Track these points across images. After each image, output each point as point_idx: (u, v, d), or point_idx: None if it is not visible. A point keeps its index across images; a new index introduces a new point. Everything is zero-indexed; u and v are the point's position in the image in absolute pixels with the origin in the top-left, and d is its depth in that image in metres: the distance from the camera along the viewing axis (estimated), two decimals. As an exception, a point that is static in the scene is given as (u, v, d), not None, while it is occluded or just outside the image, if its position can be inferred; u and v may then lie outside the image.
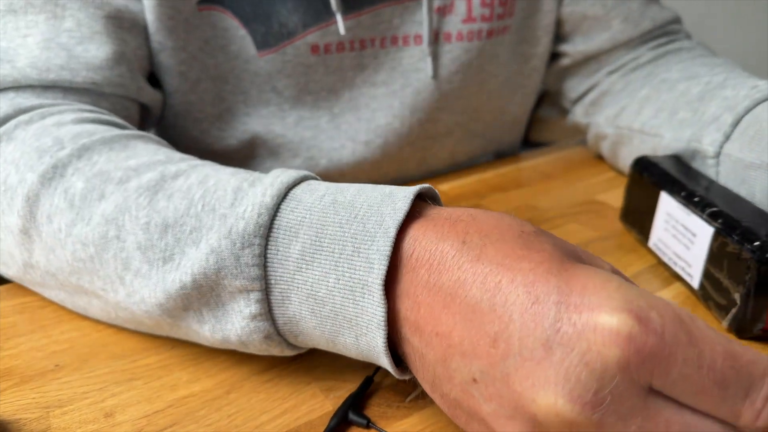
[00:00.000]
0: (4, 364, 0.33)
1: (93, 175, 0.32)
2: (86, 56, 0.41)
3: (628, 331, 0.19)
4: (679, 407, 0.20)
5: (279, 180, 0.28)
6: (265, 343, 0.29)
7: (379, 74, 0.53)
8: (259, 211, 0.27)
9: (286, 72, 0.51)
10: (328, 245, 0.26)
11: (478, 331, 0.22)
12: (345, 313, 0.26)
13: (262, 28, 0.49)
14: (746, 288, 0.33)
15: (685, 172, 0.43)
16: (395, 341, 0.26)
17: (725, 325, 0.35)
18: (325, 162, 0.55)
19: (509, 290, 0.22)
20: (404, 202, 0.26)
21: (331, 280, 0.26)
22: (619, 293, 0.20)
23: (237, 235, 0.27)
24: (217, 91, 0.52)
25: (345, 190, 0.28)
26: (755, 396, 0.19)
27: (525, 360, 0.20)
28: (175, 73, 0.49)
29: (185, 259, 0.28)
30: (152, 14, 0.45)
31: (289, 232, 0.27)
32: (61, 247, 0.32)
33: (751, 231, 0.34)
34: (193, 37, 0.48)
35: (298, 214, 0.27)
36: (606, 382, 0.19)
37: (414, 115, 0.55)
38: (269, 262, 0.27)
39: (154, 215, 0.29)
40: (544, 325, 0.20)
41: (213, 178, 0.31)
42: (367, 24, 0.51)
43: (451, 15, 0.53)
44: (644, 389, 0.19)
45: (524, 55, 0.61)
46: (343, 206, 0.27)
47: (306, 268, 0.26)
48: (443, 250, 0.24)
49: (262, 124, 0.53)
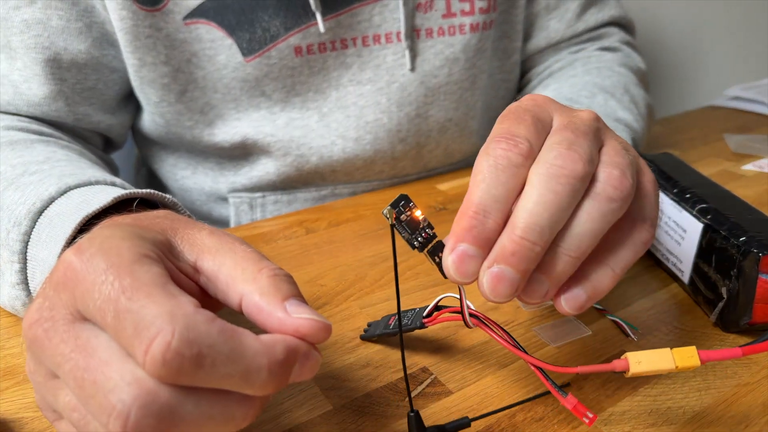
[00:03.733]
0: (5, 363, 0.34)
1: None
2: (29, 94, 0.48)
3: (66, 259, 0.22)
4: (100, 332, 0.22)
5: (64, 181, 0.35)
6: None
7: (365, 72, 0.54)
8: (34, 200, 0.34)
9: (273, 75, 0.52)
10: (54, 234, 0.32)
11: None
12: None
13: (246, 35, 0.50)
14: (732, 282, 0.33)
15: (679, 170, 0.43)
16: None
17: (713, 319, 0.36)
18: (316, 159, 0.56)
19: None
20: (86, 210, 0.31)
21: (50, 260, 0.31)
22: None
23: (14, 215, 0.34)
24: (207, 99, 0.54)
25: (84, 195, 0.34)
26: (144, 335, 0.20)
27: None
28: (158, 86, 0.52)
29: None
30: (129, 34, 0.49)
31: (50, 221, 0.33)
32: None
33: (738, 226, 0.34)
34: (177, 51, 0.51)
35: (62, 208, 0.33)
36: (45, 300, 0.22)
37: (402, 110, 0.56)
38: (31, 241, 0.33)
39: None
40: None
41: (44, 179, 0.36)
42: (347, 23, 0.52)
43: (431, 11, 0.54)
44: (69, 310, 0.22)
45: (506, 50, 0.62)
46: (73, 207, 0.32)
47: (42, 249, 0.32)
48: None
49: (252, 127, 0.55)
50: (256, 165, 0.58)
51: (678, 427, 0.29)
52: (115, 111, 0.55)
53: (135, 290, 0.21)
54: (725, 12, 1.14)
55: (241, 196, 0.60)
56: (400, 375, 0.32)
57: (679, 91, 1.17)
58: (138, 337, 0.20)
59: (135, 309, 0.20)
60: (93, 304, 0.21)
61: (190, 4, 0.49)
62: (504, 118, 0.27)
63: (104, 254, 0.22)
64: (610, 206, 0.25)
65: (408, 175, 0.61)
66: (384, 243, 0.47)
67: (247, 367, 0.20)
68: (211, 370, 0.20)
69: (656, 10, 1.08)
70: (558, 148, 0.25)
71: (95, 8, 0.48)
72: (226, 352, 0.20)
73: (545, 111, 0.28)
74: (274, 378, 0.21)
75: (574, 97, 0.52)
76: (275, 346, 0.21)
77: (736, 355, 0.24)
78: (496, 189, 0.24)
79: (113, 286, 0.21)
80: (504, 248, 0.24)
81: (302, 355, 0.22)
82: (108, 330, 0.21)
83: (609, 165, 0.26)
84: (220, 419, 0.21)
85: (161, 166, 0.63)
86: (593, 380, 0.32)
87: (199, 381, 0.20)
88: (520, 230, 0.24)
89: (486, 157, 0.25)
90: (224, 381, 0.20)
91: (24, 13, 0.46)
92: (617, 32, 0.67)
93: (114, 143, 0.58)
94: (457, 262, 0.25)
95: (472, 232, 0.24)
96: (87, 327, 0.22)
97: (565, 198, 0.24)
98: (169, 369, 0.19)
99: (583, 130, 0.26)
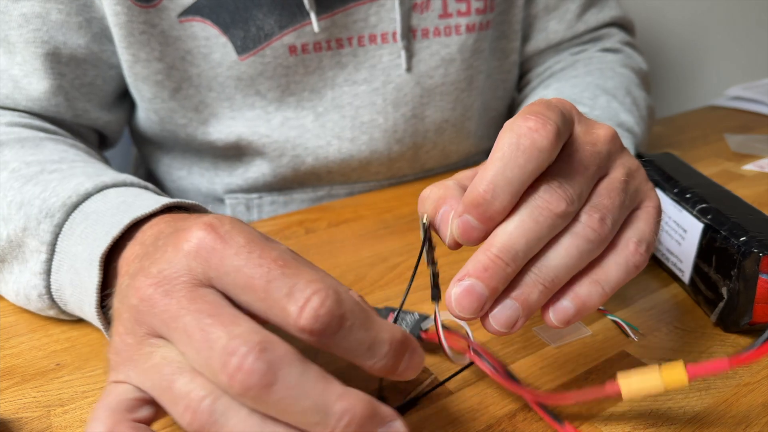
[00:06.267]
0: (5, 363, 0.34)
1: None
2: (29, 89, 0.48)
3: (198, 232, 0.23)
4: (224, 299, 0.22)
5: (100, 179, 0.35)
6: (41, 302, 0.35)
7: (360, 72, 0.54)
8: (69, 194, 0.34)
9: (267, 74, 0.52)
10: (92, 231, 0.32)
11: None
12: (84, 285, 0.32)
13: (241, 33, 0.50)
14: (733, 282, 0.33)
15: (679, 170, 0.43)
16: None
17: (713, 319, 0.36)
18: (311, 160, 0.56)
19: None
20: (141, 210, 0.32)
21: (85, 255, 0.32)
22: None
23: (45, 206, 0.34)
24: (201, 97, 0.54)
25: (123, 195, 0.34)
26: (299, 295, 0.21)
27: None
28: (151, 82, 0.52)
29: (11, 223, 0.36)
30: (123, 30, 0.49)
31: (85, 217, 0.33)
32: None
33: (739, 227, 0.34)
34: (172, 48, 0.51)
35: (99, 206, 0.33)
36: (170, 266, 0.23)
37: (398, 111, 0.56)
38: (62, 234, 0.33)
39: (17, 195, 0.36)
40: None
41: (67, 177, 0.37)
42: (342, 23, 0.52)
43: (427, 11, 0.54)
44: (197, 277, 0.23)
45: (504, 51, 0.62)
46: (112, 207, 0.33)
47: (76, 244, 0.32)
48: (144, 240, 0.29)
49: (247, 126, 0.55)
50: (251, 166, 0.58)
51: (678, 427, 0.29)
52: (112, 108, 0.55)
53: (284, 261, 0.22)
54: (725, 12, 1.14)
55: (237, 198, 0.60)
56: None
57: (680, 91, 1.17)
58: (292, 297, 0.21)
59: (290, 274, 0.22)
60: (236, 271, 0.22)
61: (185, 1, 0.49)
62: (533, 105, 0.26)
63: (240, 232, 0.23)
64: (587, 246, 0.26)
65: (405, 176, 0.61)
66: (384, 243, 0.47)
67: (375, 338, 0.22)
68: (349, 333, 0.22)
69: (656, 10, 1.08)
70: (549, 184, 0.26)
71: (94, 3, 0.48)
72: (362, 319, 0.22)
73: (570, 114, 0.28)
74: (392, 355, 0.23)
75: (576, 98, 0.52)
76: (396, 328, 0.23)
77: (723, 368, 0.25)
78: (512, 170, 0.24)
79: (261, 258, 0.22)
80: (478, 262, 0.25)
81: (412, 348, 0.24)
82: (250, 295, 0.22)
83: (593, 208, 0.27)
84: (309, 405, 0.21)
85: (157, 166, 0.63)
86: (593, 380, 0.32)
87: (337, 340, 0.22)
88: (496, 249, 0.25)
89: (510, 133, 0.25)
90: (355, 346, 0.22)
91: (23, 6, 0.46)
92: (618, 33, 0.66)
93: (108, 141, 0.58)
94: (461, 227, 0.26)
95: (479, 209, 0.25)
96: (212, 291, 0.23)
97: (545, 229, 0.25)
98: (322, 324, 0.21)
99: (586, 163, 0.27)
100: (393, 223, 0.51)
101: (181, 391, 0.21)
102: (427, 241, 0.27)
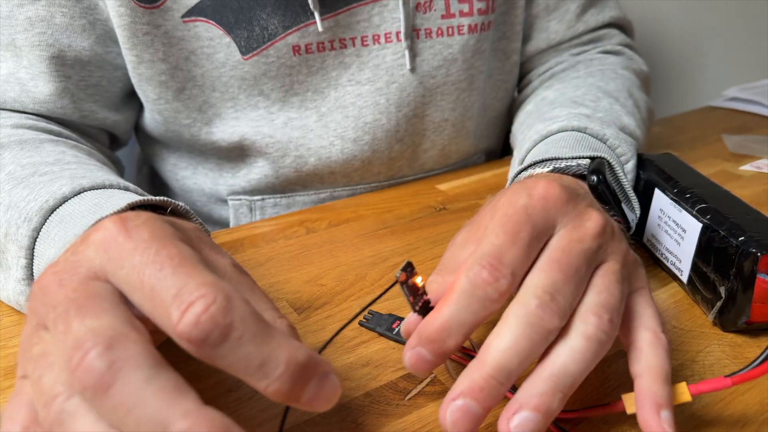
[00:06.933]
0: (5, 362, 0.34)
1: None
2: (35, 91, 0.48)
3: (108, 224, 0.23)
4: (115, 294, 0.22)
5: (78, 182, 0.34)
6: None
7: (364, 72, 0.54)
8: (47, 198, 0.33)
9: (271, 74, 0.52)
10: (63, 234, 0.31)
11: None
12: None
13: (244, 33, 0.50)
14: (731, 282, 0.34)
15: (679, 170, 0.44)
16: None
17: (711, 318, 0.36)
18: (314, 160, 0.57)
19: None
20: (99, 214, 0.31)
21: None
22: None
23: (24, 210, 0.33)
24: (205, 97, 0.54)
25: (98, 198, 0.33)
26: (184, 298, 0.20)
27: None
28: (155, 83, 0.52)
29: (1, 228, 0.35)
30: (127, 31, 0.49)
31: (60, 220, 0.32)
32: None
33: (737, 226, 0.34)
34: (176, 48, 0.51)
35: (74, 208, 0.32)
36: (75, 256, 0.23)
37: (400, 111, 0.56)
38: (39, 238, 0.32)
39: (6, 198, 0.36)
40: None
41: (54, 180, 0.36)
42: (345, 23, 0.52)
43: (431, 11, 0.54)
44: (94, 269, 0.22)
45: (505, 51, 0.62)
46: (85, 209, 0.32)
47: (50, 247, 0.31)
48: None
49: (250, 126, 0.55)
50: (254, 167, 0.58)
51: (676, 426, 0.29)
52: (120, 108, 0.55)
53: (181, 260, 0.21)
54: (725, 12, 1.15)
55: (240, 199, 0.60)
56: (400, 374, 0.33)
57: (678, 92, 1.17)
58: (177, 299, 0.20)
59: (183, 274, 0.21)
60: (130, 266, 0.21)
61: (189, 2, 0.49)
62: (502, 227, 0.27)
63: (148, 228, 0.22)
64: (600, 349, 0.26)
65: (405, 176, 0.62)
66: (384, 243, 0.47)
67: (268, 356, 0.20)
68: (237, 346, 0.20)
69: (656, 10, 1.08)
70: (541, 298, 0.25)
71: (98, 5, 0.49)
72: (254, 332, 0.20)
73: (551, 217, 0.28)
74: (288, 378, 0.21)
75: (578, 100, 0.52)
76: (300, 349, 0.21)
77: (725, 386, 0.26)
78: (465, 315, 0.25)
79: (158, 254, 0.21)
80: (473, 382, 0.24)
81: (322, 374, 0.22)
82: (138, 294, 0.21)
83: (602, 308, 0.26)
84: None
85: (163, 165, 0.63)
86: (593, 380, 0.32)
87: (221, 352, 0.20)
88: (491, 368, 0.24)
89: (466, 276, 0.26)
90: (242, 361, 0.20)
91: (28, 10, 0.47)
92: (617, 34, 0.67)
93: (119, 140, 0.58)
94: (413, 359, 0.26)
95: (433, 345, 0.26)
96: (104, 285, 0.22)
97: (538, 346, 0.25)
98: (201, 332, 0.19)
99: (576, 264, 0.26)
100: (393, 223, 0.51)
101: (44, 387, 0.21)
102: (408, 295, 0.28)
